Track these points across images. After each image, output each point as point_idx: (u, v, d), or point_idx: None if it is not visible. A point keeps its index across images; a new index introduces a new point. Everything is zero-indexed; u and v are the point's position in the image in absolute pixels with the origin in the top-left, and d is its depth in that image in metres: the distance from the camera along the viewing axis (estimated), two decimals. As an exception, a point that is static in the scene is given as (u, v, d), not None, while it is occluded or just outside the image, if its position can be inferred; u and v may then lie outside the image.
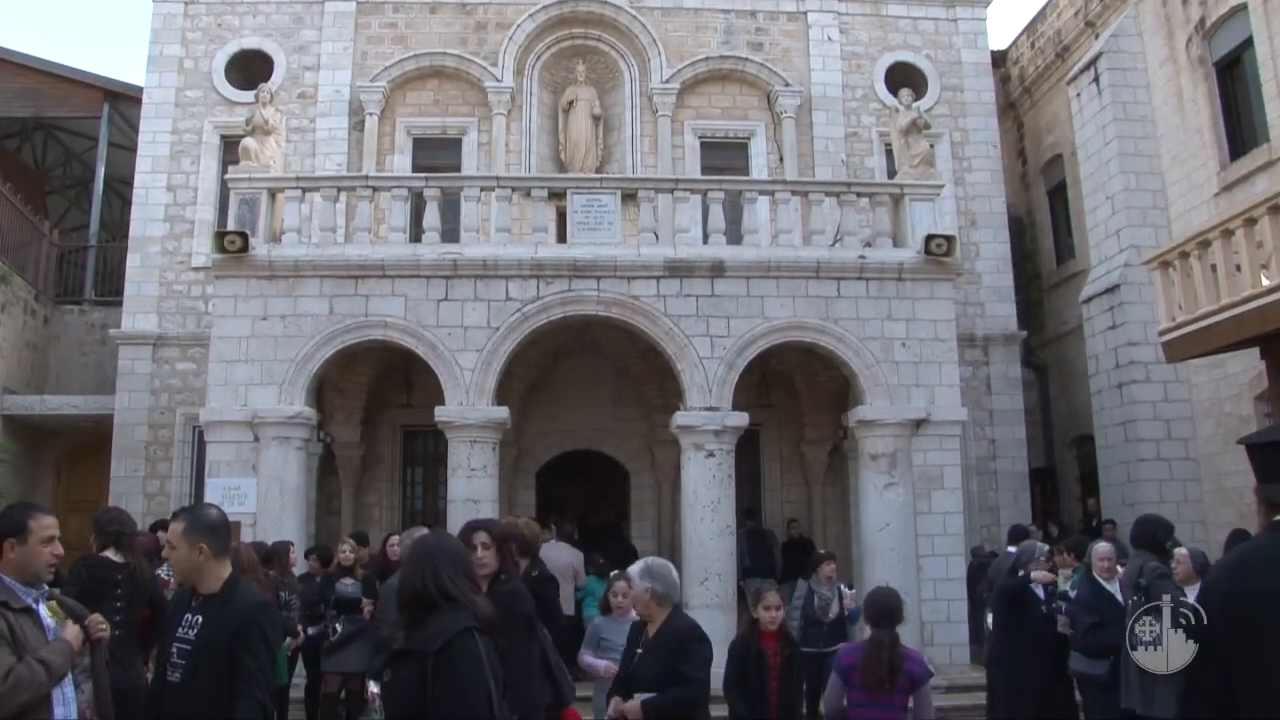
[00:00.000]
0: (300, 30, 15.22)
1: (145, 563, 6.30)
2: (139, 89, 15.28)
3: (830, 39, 15.62)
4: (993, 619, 8.07)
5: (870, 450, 11.24)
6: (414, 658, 3.22)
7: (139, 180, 14.72)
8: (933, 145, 13.56)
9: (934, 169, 12.63)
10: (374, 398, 13.62)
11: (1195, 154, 12.89)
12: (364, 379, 13.21)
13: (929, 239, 11.34)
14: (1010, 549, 9.43)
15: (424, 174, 12.48)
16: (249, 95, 13.53)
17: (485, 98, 15.03)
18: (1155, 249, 11.42)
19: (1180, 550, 6.76)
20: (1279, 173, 11.28)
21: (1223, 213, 10.39)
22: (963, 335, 13.32)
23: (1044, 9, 16.80)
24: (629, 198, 12.20)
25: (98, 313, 15.68)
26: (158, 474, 13.84)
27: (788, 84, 15.26)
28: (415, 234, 11.59)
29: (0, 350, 13.89)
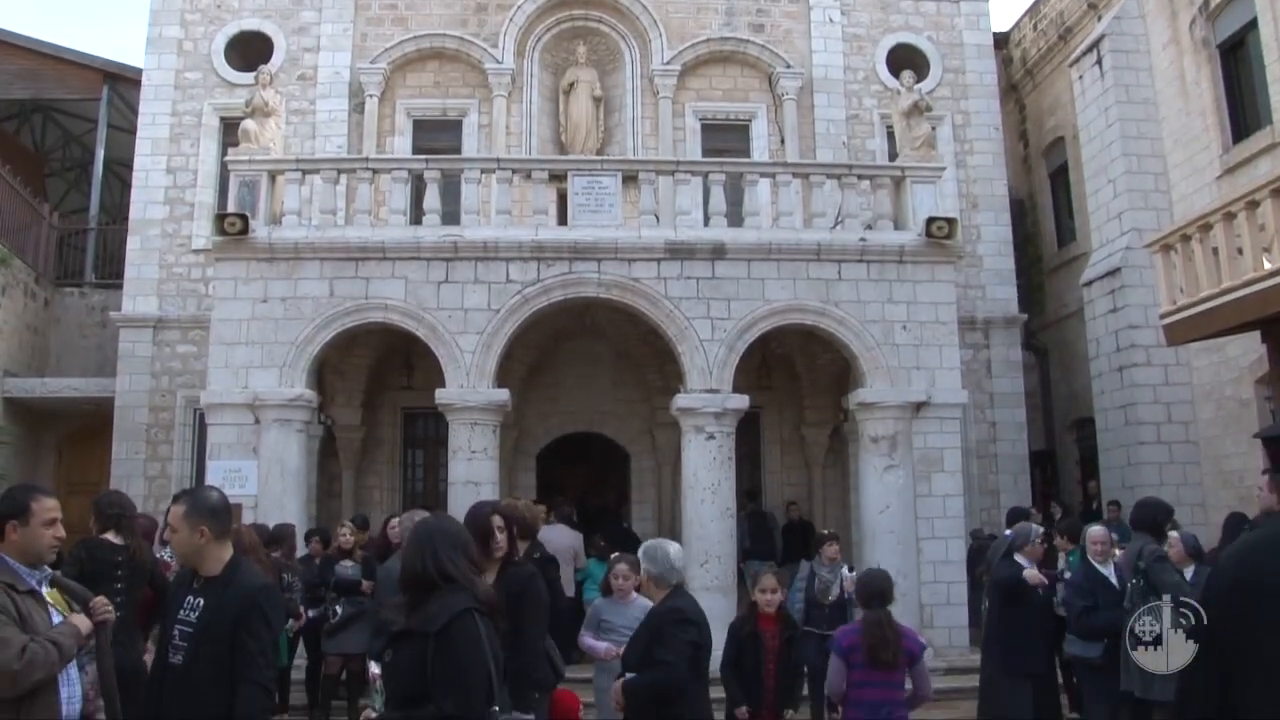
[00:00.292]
0: (300, 11, 15.14)
1: (145, 545, 6.34)
2: (138, 71, 15.21)
3: (832, 20, 15.52)
4: (987, 607, 8.06)
5: (870, 433, 11.26)
6: (414, 638, 3.24)
7: (139, 163, 14.69)
8: (934, 128, 13.51)
9: (935, 151, 12.61)
10: (374, 380, 13.62)
11: (1198, 136, 12.83)
12: (364, 361, 13.21)
13: (930, 221, 11.33)
14: (1008, 532, 9.44)
15: (424, 156, 12.44)
16: (249, 77, 13.48)
17: (486, 79, 14.97)
18: (1157, 232, 11.39)
19: (1173, 534, 6.91)
20: (1282, 155, 11.25)
21: (1225, 195, 10.37)
22: (963, 318, 13.29)
23: (1047, -10, 16.71)
24: (630, 180, 12.17)
25: (98, 295, 15.68)
26: (159, 456, 13.87)
27: (789, 66, 15.18)
28: (416, 216, 11.58)
29: (0, 333, 13.89)
